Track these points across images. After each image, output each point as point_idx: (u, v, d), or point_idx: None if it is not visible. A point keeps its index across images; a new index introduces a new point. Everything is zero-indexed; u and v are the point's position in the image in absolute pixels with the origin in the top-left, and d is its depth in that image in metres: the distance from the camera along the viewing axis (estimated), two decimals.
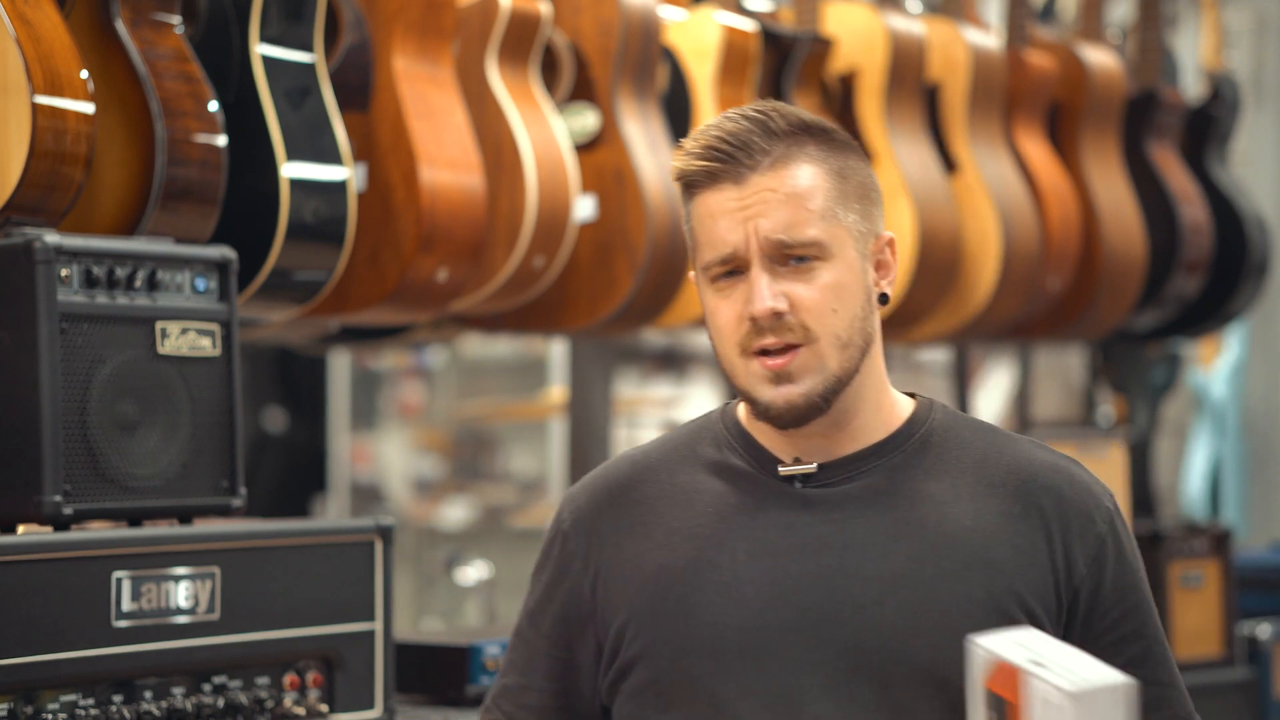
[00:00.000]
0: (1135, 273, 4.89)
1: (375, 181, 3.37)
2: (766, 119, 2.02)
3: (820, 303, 1.99)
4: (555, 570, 2.13)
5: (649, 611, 2.04)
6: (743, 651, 1.99)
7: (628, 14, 3.79)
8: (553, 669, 2.12)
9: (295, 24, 3.20)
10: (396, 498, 8.21)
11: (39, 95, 2.70)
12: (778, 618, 1.99)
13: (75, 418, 2.65)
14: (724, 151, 2.00)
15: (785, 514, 2.03)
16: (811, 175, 2.01)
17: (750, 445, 2.07)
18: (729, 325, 2.00)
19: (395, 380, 8.39)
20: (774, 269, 1.99)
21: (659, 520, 2.07)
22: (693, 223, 2.04)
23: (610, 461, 2.18)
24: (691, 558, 2.03)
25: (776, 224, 1.98)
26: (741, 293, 1.99)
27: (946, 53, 4.52)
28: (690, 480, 2.08)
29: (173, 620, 2.65)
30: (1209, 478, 7.09)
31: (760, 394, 2.00)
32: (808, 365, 1.99)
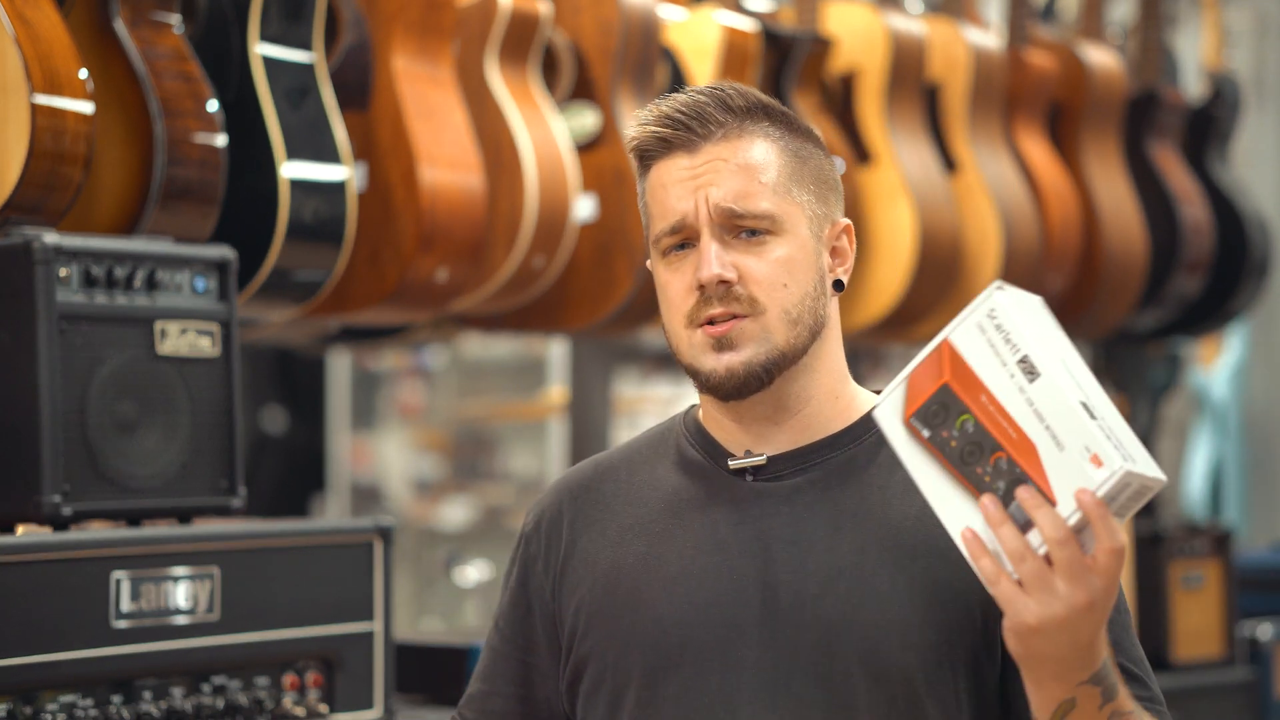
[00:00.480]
0: (1136, 272, 4.89)
1: (375, 181, 3.37)
2: (723, 94, 2.01)
3: (770, 275, 1.96)
4: (519, 574, 2.12)
5: (599, 608, 2.02)
6: (684, 646, 1.97)
7: (628, 14, 3.79)
8: (515, 673, 2.11)
9: (295, 23, 3.20)
10: (396, 498, 8.21)
11: (38, 95, 2.70)
12: (721, 613, 1.97)
13: (75, 418, 2.65)
14: (678, 120, 1.99)
15: (735, 508, 2.00)
16: (765, 149, 2.00)
17: (705, 440, 2.05)
18: (678, 297, 1.98)
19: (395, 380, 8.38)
20: (725, 239, 1.96)
21: (614, 518, 2.06)
22: (646, 196, 2.02)
23: (576, 465, 2.17)
24: (641, 553, 2.02)
25: (728, 192, 1.96)
26: (691, 263, 1.97)
27: (947, 53, 4.52)
28: (647, 477, 2.07)
29: (172, 620, 2.65)
30: (1210, 478, 7.09)
31: (702, 363, 1.97)
32: (751, 334, 1.96)
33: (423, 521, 7.98)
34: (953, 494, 1.79)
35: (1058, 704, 1.78)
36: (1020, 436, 1.77)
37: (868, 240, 4.32)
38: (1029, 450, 1.76)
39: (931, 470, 1.80)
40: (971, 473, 1.78)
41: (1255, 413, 7.07)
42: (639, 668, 1.98)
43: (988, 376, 1.80)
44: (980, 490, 1.77)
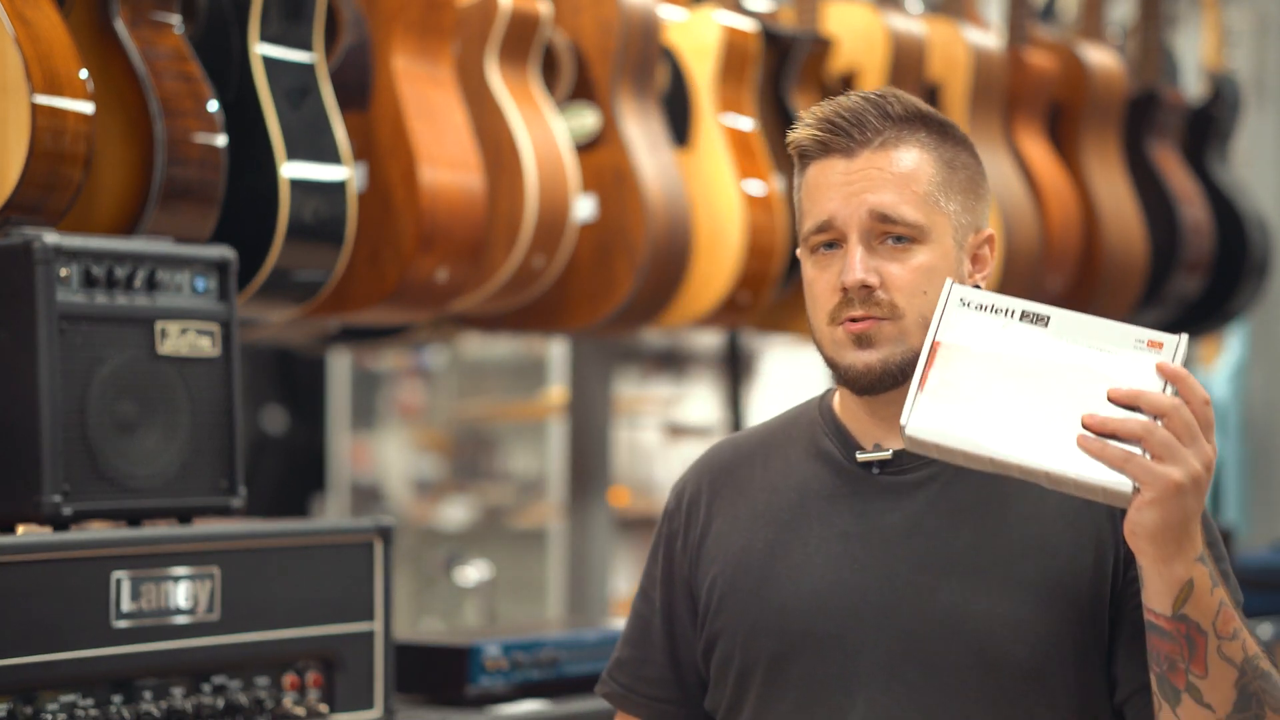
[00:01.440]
0: (1135, 272, 4.89)
1: (375, 181, 3.37)
2: (884, 101, 2.09)
3: (911, 282, 2.05)
4: (664, 549, 2.22)
5: (729, 589, 2.12)
6: (805, 634, 2.06)
7: (628, 14, 3.79)
8: (665, 642, 2.21)
9: (295, 23, 3.20)
10: (396, 498, 8.21)
11: (38, 95, 2.70)
12: (840, 602, 2.05)
13: (75, 418, 2.65)
14: (838, 125, 2.07)
15: (860, 500, 2.09)
16: (919, 159, 2.07)
17: (839, 430, 2.14)
18: (823, 295, 2.07)
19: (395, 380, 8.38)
20: (871, 245, 2.05)
21: (747, 502, 2.15)
22: (801, 193, 2.11)
23: (716, 444, 2.27)
24: (770, 540, 2.12)
25: (880, 199, 2.04)
26: (838, 264, 2.06)
27: (947, 53, 4.52)
28: (781, 463, 2.16)
29: (172, 620, 2.65)
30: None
31: (841, 358, 2.06)
32: (889, 335, 2.04)
33: (423, 521, 7.98)
34: (1035, 446, 1.84)
35: (1180, 586, 1.86)
36: (1068, 366, 1.84)
37: None
38: (1084, 371, 1.84)
39: (1000, 441, 1.85)
40: (1041, 419, 1.84)
41: (1255, 413, 7.07)
42: (765, 652, 2.08)
43: (998, 345, 1.88)
44: (1058, 427, 1.83)
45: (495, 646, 3.18)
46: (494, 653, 3.17)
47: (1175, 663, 1.89)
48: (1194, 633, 1.88)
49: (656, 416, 7.93)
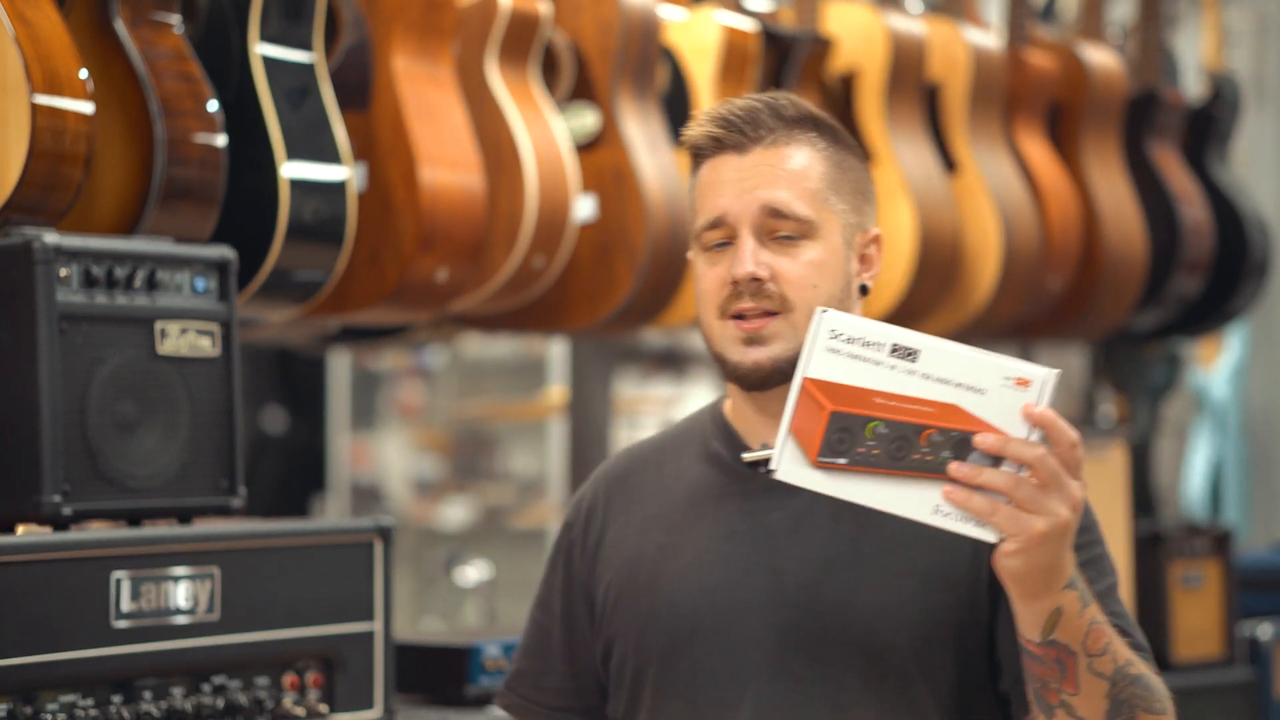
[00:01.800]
0: (1135, 273, 4.89)
1: (375, 181, 3.37)
2: (777, 103, 2.14)
3: (801, 276, 2.09)
4: (563, 560, 2.26)
5: (622, 593, 2.17)
6: (694, 631, 2.10)
7: (628, 14, 3.79)
8: (568, 651, 2.24)
9: (295, 23, 3.20)
10: (396, 498, 8.21)
11: (38, 95, 2.70)
12: (728, 599, 2.10)
13: (75, 418, 2.65)
14: (732, 122, 2.11)
15: (746, 499, 2.13)
16: (810, 158, 2.12)
17: (727, 433, 2.18)
18: (712, 289, 2.10)
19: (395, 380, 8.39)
20: (762, 240, 2.09)
21: (640, 508, 2.20)
22: (694, 191, 2.15)
23: (614, 455, 2.31)
24: (661, 542, 2.16)
25: (772, 195, 2.09)
26: (728, 259, 2.09)
27: (946, 53, 4.52)
28: (674, 469, 2.20)
29: (172, 620, 2.65)
30: (1210, 478, 7.09)
31: (730, 354, 2.10)
32: (779, 332, 2.08)
33: (423, 521, 7.99)
34: (904, 492, 1.86)
35: (1048, 614, 1.91)
36: (937, 406, 1.85)
37: None
38: (953, 412, 1.85)
39: (870, 487, 1.88)
40: (911, 462, 1.85)
41: (1255, 413, 7.07)
42: (656, 649, 2.12)
43: (869, 381, 1.88)
44: (928, 470, 1.85)
45: (495, 646, 3.18)
46: (494, 653, 3.18)
47: (1048, 683, 1.95)
48: (1064, 655, 1.93)
49: (656, 416, 7.93)
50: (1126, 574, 4.47)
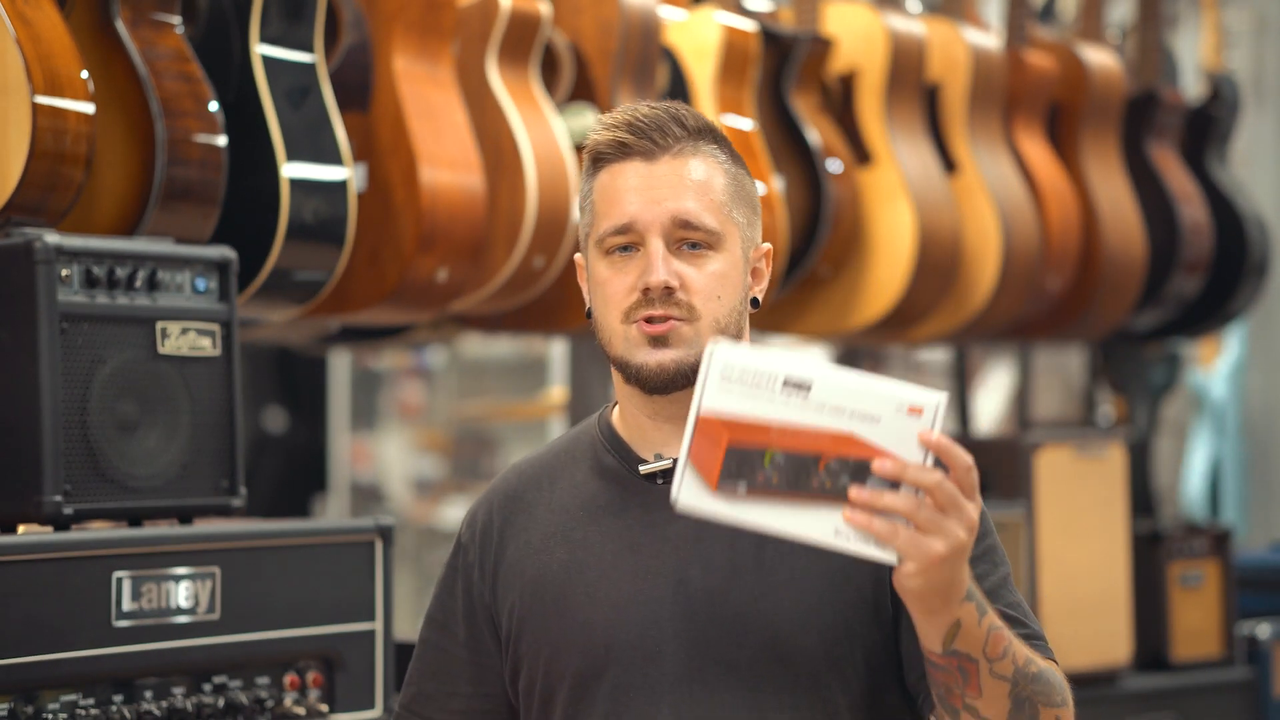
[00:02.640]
0: (1135, 273, 4.89)
1: (375, 181, 3.37)
2: (679, 112, 2.14)
3: (707, 287, 2.10)
4: (462, 582, 2.23)
5: (528, 613, 2.16)
6: (608, 647, 2.10)
7: (628, 14, 3.80)
8: (473, 674, 2.22)
9: (295, 24, 3.20)
10: (396, 498, 8.21)
11: (39, 95, 2.70)
12: (637, 613, 2.10)
13: (75, 418, 2.65)
14: (640, 129, 2.12)
15: (646, 510, 2.14)
16: (715, 170, 2.14)
17: (619, 445, 2.19)
18: (618, 294, 2.11)
19: (395, 380, 8.39)
20: (669, 249, 2.10)
21: (537, 525, 2.19)
22: (594, 195, 2.15)
23: (502, 474, 2.29)
24: (563, 560, 2.15)
25: (682, 205, 2.10)
26: (635, 266, 2.10)
27: (946, 53, 4.52)
28: (567, 484, 2.20)
29: (173, 620, 2.65)
30: (1209, 478, 7.09)
31: (634, 356, 2.11)
32: (684, 336, 2.10)
33: (423, 521, 7.99)
34: (805, 517, 1.89)
35: (948, 627, 1.95)
36: (833, 435, 1.88)
37: (868, 240, 4.32)
38: (848, 440, 1.88)
39: (771, 513, 1.90)
40: (810, 487, 1.88)
41: (1254, 413, 7.08)
42: (570, 669, 2.12)
43: (764, 413, 1.89)
44: (827, 496, 1.88)
45: None
46: None
47: (951, 689, 1.99)
48: (965, 663, 1.97)
49: None
50: (1126, 574, 4.47)
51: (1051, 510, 4.34)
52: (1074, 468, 4.43)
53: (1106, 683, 4.43)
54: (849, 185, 4.27)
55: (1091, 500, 4.43)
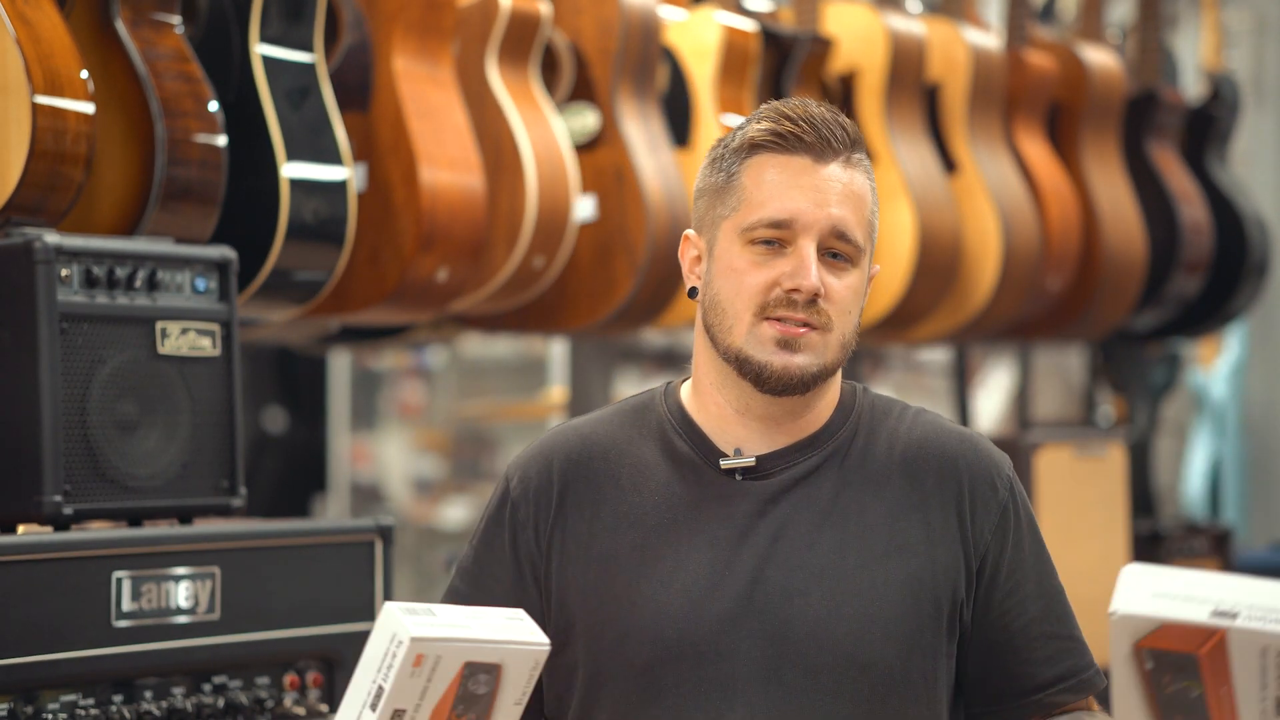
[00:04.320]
0: (1135, 273, 4.90)
1: (375, 181, 3.37)
2: (841, 117, 2.10)
3: (845, 299, 2.08)
4: (508, 535, 2.17)
5: (595, 595, 2.11)
6: (680, 639, 2.07)
7: (628, 14, 3.80)
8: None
9: (295, 24, 3.20)
10: (396, 498, 8.21)
11: (39, 95, 2.70)
12: (714, 608, 2.07)
13: (75, 418, 2.65)
14: (815, 127, 2.07)
15: (725, 505, 2.10)
16: (867, 186, 2.10)
17: (694, 432, 2.14)
18: (757, 285, 2.06)
19: (395, 380, 8.38)
20: (817, 255, 2.06)
21: (606, 502, 2.14)
22: (743, 179, 2.08)
23: (557, 431, 2.24)
24: (637, 545, 2.11)
25: (843, 214, 2.06)
26: (783, 262, 2.05)
27: (946, 53, 4.52)
28: (636, 461, 2.15)
29: (173, 620, 2.65)
30: (1209, 478, 7.09)
31: (760, 354, 2.06)
32: (814, 344, 2.06)
33: (423, 521, 7.98)
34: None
35: None
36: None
37: None
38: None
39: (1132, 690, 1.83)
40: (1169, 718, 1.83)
41: (1254, 413, 7.08)
42: (638, 659, 2.07)
43: (1242, 685, 1.81)
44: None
45: None
46: None
47: None
48: None
49: None
50: None
51: (1052, 510, 4.34)
52: (1074, 468, 4.43)
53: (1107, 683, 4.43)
54: None
55: (1091, 500, 4.44)
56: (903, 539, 2.08)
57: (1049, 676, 2.11)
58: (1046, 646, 2.11)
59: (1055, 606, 2.13)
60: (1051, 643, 2.12)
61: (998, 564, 2.11)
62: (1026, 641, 2.10)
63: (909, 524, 2.09)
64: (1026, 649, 2.10)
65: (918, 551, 2.07)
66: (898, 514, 2.09)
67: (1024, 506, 2.16)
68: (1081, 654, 2.13)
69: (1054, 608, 2.13)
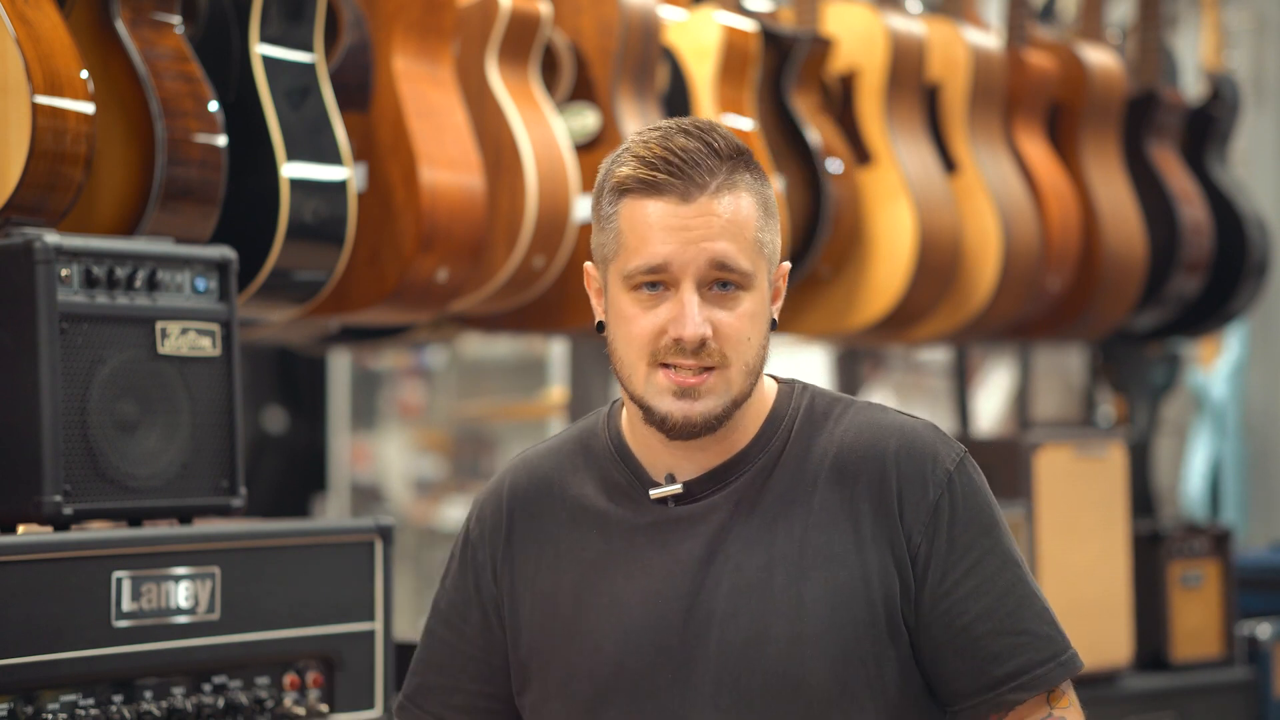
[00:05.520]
0: (1135, 273, 4.89)
1: (375, 181, 3.37)
2: (712, 140, 2.05)
3: (739, 331, 2.04)
4: (471, 577, 2.20)
5: (541, 633, 2.13)
6: (619, 672, 2.07)
7: (628, 14, 3.80)
8: (480, 671, 2.19)
9: (295, 24, 3.20)
10: (396, 498, 8.21)
11: (39, 95, 2.70)
12: (650, 639, 2.07)
13: (75, 418, 2.65)
14: (676, 166, 2.03)
15: (659, 532, 2.10)
16: (749, 205, 2.05)
17: (630, 461, 2.14)
18: (644, 334, 2.04)
19: (395, 380, 8.39)
20: (702, 292, 2.03)
21: (549, 540, 2.15)
22: (619, 224, 2.05)
23: (513, 464, 2.25)
24: (577, 580, 2.12)
25: (718, 248, 2.02)
26: (666, 308, 2.03)
27: (946, 53, 4.52)
28: (576, 495, 2.15)
29: (173, 620, 2.65)
30: (1209, 478, 7.09)
31: (659, 404, 2.05)
32: (714, 387, 2.04)
33: (423, 521, 7.99)
34: None
35: None
36: None
37: (868, 240, 4.32)
38: None
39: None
40: None
41: (1254, 413, 7.07)
42: (582, 695, 2.09)
43: None
44: None
45: None
46: None
47: None
48: None
49: None
50: (1126, 574, 4.47)
51: (1051, 510, 4.34)
52: (1074, 468, 4.43)
53: (1106, 683, 4.43)
54: (849, 185, 4.27)
55: (1091, 500, 4.43)
56: (830, 549, 2.05)
57: (999, 674, 2.06)
58: (994, 643, 2.06)
59: (1006, 602, 2.08)
60: (1000, 639, 2.07)
61: (928, 561, 2.07)
62: (970, 640, 2.06)
63: (837, 532, 2.06)
64: (971, 647, 2.06)
65: (846, 561, 2.05)
66: (825, 523, 2.07)
67: (966, 500, 2.10)
68: (1039, 648, 2.09)
69: (1004, 603, 2.08)
